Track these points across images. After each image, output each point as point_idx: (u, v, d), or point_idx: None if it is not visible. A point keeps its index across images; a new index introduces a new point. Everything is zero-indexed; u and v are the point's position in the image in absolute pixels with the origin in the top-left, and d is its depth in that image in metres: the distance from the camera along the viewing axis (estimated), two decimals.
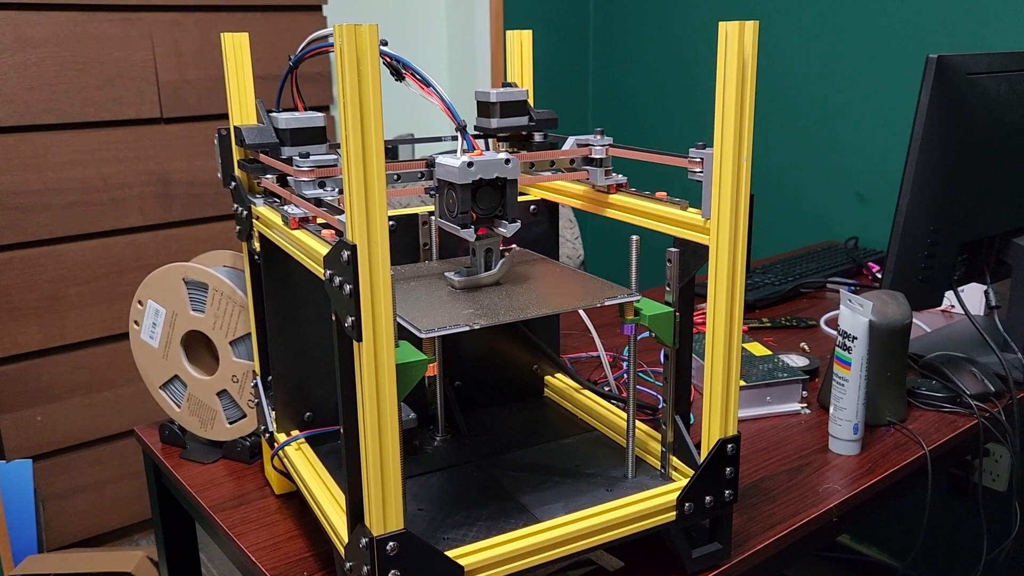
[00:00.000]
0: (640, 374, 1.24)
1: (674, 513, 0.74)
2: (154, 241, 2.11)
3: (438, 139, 0.95)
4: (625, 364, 1.27)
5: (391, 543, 0.61)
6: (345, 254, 0.56)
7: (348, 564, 0.66)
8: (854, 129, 2.02)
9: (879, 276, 1.69)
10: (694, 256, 0.75)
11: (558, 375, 1.02)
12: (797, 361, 1.23)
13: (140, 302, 1.02)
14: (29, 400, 2.00)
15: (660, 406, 1.12)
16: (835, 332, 1.40)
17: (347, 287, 0.57)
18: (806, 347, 1.33)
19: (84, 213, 2.00)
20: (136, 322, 1.03)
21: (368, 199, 0.55)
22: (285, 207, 0.74)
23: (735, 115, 0.67)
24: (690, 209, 0.75)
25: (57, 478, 2.07)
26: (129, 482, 2.18)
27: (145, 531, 2.25)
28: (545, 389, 1.03)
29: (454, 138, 0.76)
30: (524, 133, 0.92)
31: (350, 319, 0.57)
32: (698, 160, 0.72)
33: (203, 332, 0.99)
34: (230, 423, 1.00)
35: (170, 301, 0.99)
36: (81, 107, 1.96)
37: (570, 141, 0.85)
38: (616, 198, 0.82)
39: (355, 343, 0.58)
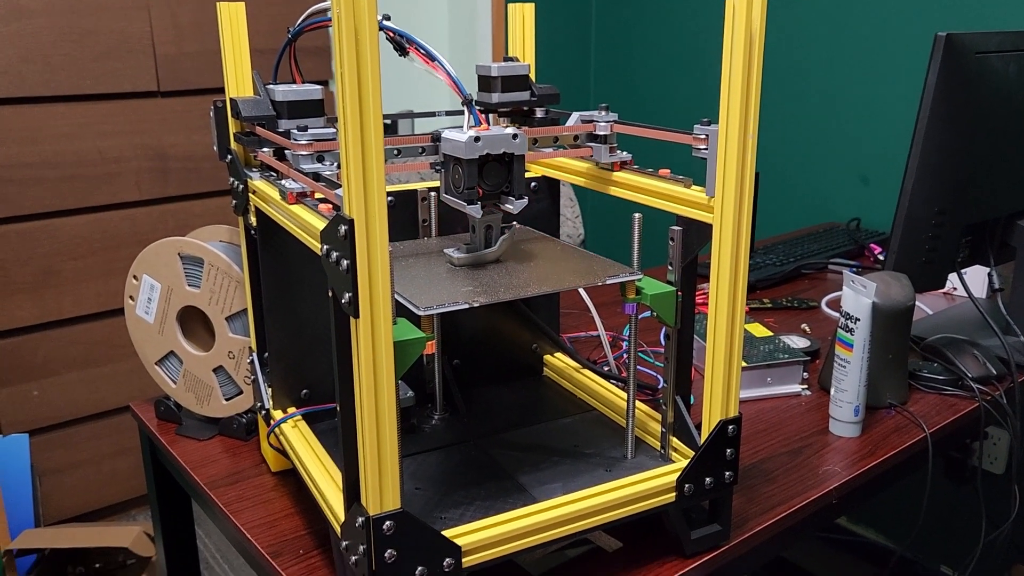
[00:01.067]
0: (640, 354, 1.23)
1: (674, 494, 0.73)
2: (150, 216, 2.09)
3: (434, 114, 0.93)
4: (625, 344, 1.26)
5: (387, 522, 0.60)
6: (342, 229, 0.55)
7: (344, 543, 0.65)
8: (858, 109, 2.00)
9: (881, 258, 1.68)
10: (697, 235, 0.73)
11: (557, 354, 1.01)
12: (798, 342, 1.22)
13: (135, 277, 1.00)
14: (25, 374, 1.99)
15: (660, 386, 1.12)
16: (836, 314, 1.39)
17: (344, 262, 0.56)
18: (807, 328, 1.32)
19: (80, 187, 1.98)
20: (131, 297, 1.02)
21: (366, 172, 0.53)
22: (282, 181, 0.73)
23: (741, 91, 0.65)
24: (694, 187, 0.74)
25: (54, 453, 2.07)
26: (126, 457, 2.17)
27: (142, 506, 2.25)
28: (544, 368, 1.02)
29: (452, 113, 0.75)
30: (525, 108, 0.91)
31: (347, 295, 0.56)
32: (703, 137, 0.70)
33: (199, 308, 0.98)
34: (226, 399, 0.99)
35: (165, 276, 0.98)
36: (77, 79, 1.94)
37: (574, 117, 0.84)
38: (619, 175, 0.81)
39: (352, 320, 0.57)
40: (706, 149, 0.70)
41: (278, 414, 0.86)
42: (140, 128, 2.04)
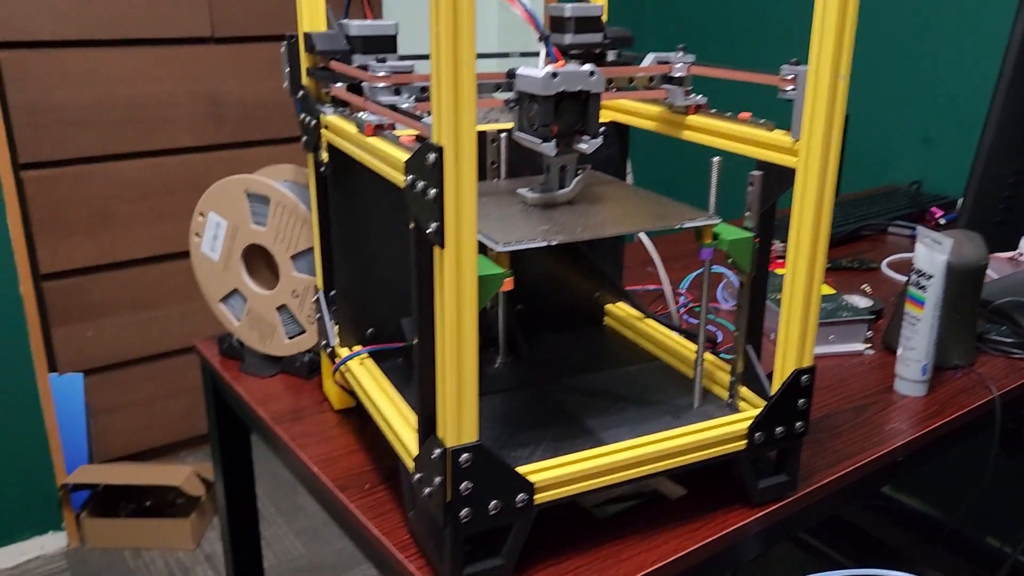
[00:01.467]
0: (696, 308, 1.22)
1: (744, 442, 0.73)
2: (204, 162, 2.11)
3: (507, 55, 0.92)
4: (682, 299, 1.25)
5: (465, 455, 0.60)
6: (431, 157, 0.54)
7: (417, 476, 0.65)
8: (922, 67, 1.94)
9: (942, 222, 1.64)
10: (778, 180, 0.72)
11: (619, 304, 1.00)
12: (860, 302, 1.19)
13: (201, 214, 1.01)
14: (79, 315, 2.04)
15: (719, 339, 1.11)
16: (897, 275, 1.36)
17: (431, 192, 0.55)
18: (868, 289, 1.30)
19: (135, 131, 2.00)
20: (197, 234, 1.03)
21: (458, 98, 0.52)
22: (358, 115, 0.72)
23: (836, 28, 0.63)
24: (776, 131, 0.72)
25: (106, 393, 2.12)
26: (177, 399, 2.22)
27: (192, 448, 2.30)
28: (605, 317, 1.01)
29: (527, 55, 0.74)
30: (597, 51, 0.89)
31: (433, 225, 0.56)
32: (790, 77, 0.68)
33: (263, 246, 0.98)
34: (289, 338, 0.99)
35: (231, 214, 0.99)
36: (132, 23, 1.94)
37: (650, 58, 0.82)
38: (694, 119, 0.79)
39: (436, 250, 0.56)
40: (793, 90, 0.68)
41: (344, 352, 0.87)
42: (194, 74, 2.04)
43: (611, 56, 0.89)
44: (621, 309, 0.99)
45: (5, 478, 1.87)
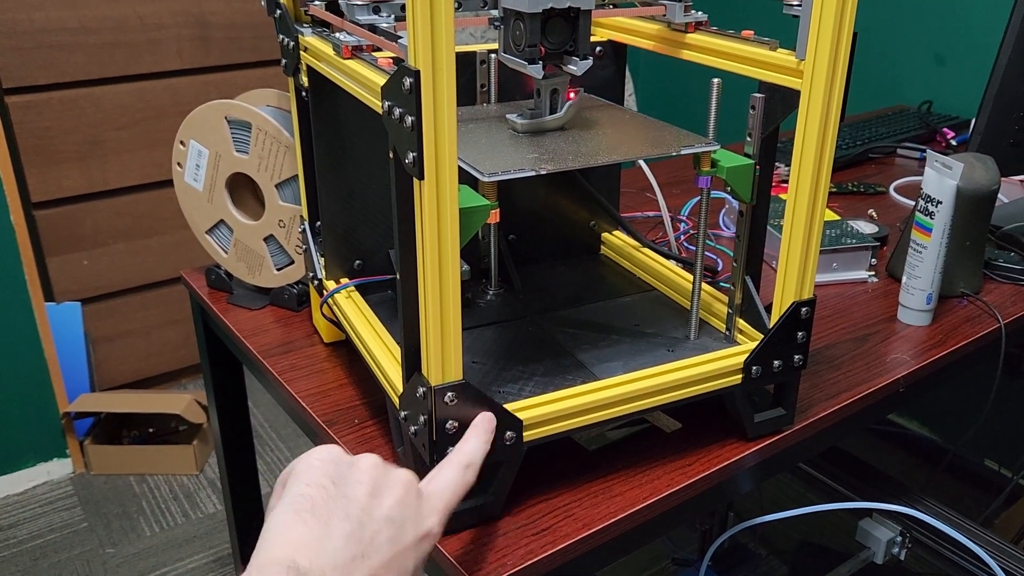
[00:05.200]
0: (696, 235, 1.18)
1: (740, 376, 0.71)
2: (192, 86, 2.05)
3: None
4: (683, 225, 1.21)
5: (449, 393, 0.59)
6: (407, 82, 0.51)
7: (403, 414, 0.64)
8: None
9: (954, 144, 1.59)
10: (782, 103, 0.68)
11: (616, 232, 0.97)
12: (865, 228, 1.16)
13: (182, 142, 0.97)
14: (74, 244, 2.01)
15: (719, 268, 1.08)
16: (905, 200, 1.32)
17: (408, 119, 0.52)
18: (874, 214, 1.26)
19: (121, 54, 1.94)
20: (179, 164, 0.99)
21: (434, 17, 0.48)
22: (336, 35, 0.68)
23: None
24: (780, 50, 0.68)
25: (104, 321, 2.11)
26: (175, 328, 2.21)
27: (191, 376, 2.30)
28: (601, 247, 0.98)
29: None
30: None
31: (411, 155, 0.52)
32: None
33: (248, 174, 0.95)
34: (277, 269, 0.97)
35: (213, 141, 0.95)
36: None
37: None
38: (694, 38, 0.75)
39: (416, 182, 0.53)
40: (799, 5, 0.64)
41: (331, 285, 0.84)
42: None
43: None
44: (618, 238, 0.96)
45: (7, 406, 1.88)
